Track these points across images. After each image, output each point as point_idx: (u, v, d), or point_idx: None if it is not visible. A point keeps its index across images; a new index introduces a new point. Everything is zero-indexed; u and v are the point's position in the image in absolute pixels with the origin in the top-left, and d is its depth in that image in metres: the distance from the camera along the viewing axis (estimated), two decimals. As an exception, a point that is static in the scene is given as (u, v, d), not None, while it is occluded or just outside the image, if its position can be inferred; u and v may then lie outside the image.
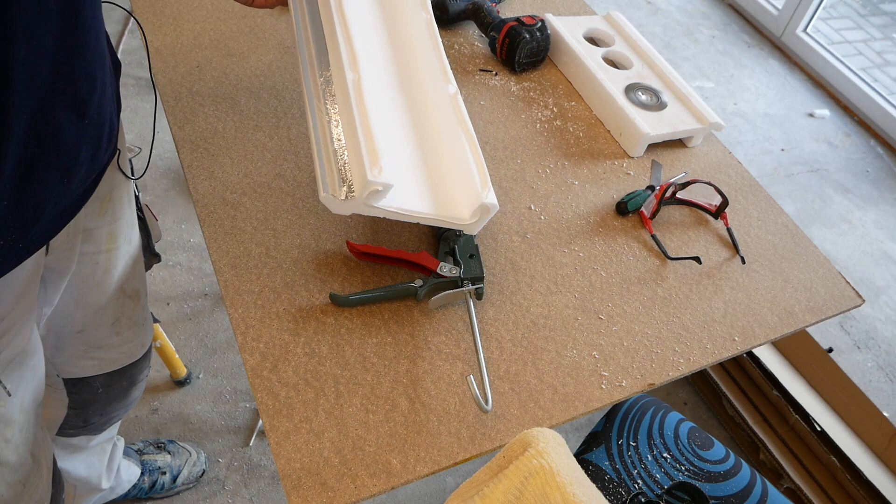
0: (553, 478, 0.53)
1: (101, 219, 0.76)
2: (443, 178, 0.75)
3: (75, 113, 0.59)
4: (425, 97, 0.81)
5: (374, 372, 0.71)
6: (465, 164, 0.74)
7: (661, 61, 1.11)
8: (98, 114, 0.63)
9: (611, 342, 0.78)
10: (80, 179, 0.65)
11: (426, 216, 0.71)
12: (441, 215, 0.72)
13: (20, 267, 0.61)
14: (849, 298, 0.89)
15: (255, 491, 1.39)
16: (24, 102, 0.52)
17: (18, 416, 0.71)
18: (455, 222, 0.72)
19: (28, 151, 0.54)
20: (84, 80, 0.58)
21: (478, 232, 0.75)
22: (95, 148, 0.65)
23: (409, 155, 0.75)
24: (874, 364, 1.82)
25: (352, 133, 0.70)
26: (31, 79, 0.51)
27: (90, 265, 0.78)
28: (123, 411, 1.03)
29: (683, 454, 1.00)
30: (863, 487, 1.37)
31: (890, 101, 2.46)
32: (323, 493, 0.62)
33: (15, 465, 0.73)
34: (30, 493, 0.77)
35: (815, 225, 2.16)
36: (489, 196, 0.71)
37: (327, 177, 0.69)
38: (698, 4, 2.95)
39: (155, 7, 1.07)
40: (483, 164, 0.74)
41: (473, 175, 0.73)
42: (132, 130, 1.98)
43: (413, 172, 0.74)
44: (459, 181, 0.74)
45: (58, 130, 0.57)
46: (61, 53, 0.54)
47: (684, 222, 0.94)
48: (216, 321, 1.63)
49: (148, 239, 0.92)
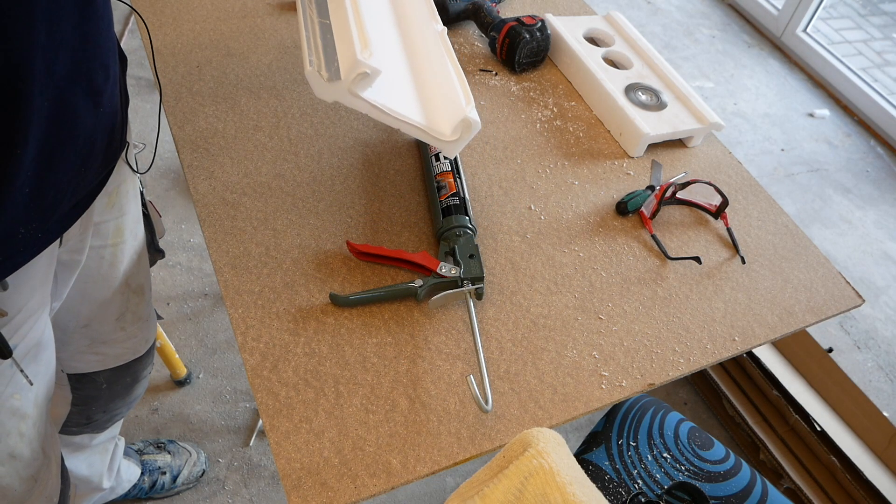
0: (553, 478, 0.53)
1: (109, 212, 0.77)
2: (428, 94, 0.74)
3: (92, 101, 0.60)
4: (413, 30, 0.81)
5: (374, 372, 0.71)
6: (449, 84, 0.73)
7: (661, 61, 1.11)
8: (111, 103, 0.65)
9: (611, 342, 0.78)
10: (94, 170, 0.66)
11: (411, 122, 0.69)
12: (425, 126, 0.70)
13: (37, 258, 0.62)
14: (849, 298, 0.89)
15: (255, 491, 1.39)
16: (45, 89, 0.53)
17: (32, 411, 0.72)
18: (437, 137, 0.70)
19: (49, 139, 0.55)
20: (99, 69, 0.60)
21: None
22: (109, 138, 0.67)
23: (396, 64, 0.74)
24: (874, 364, 1.82)
25: (344, 26, 0.68)
26: (51, 66, 0.53)
27: (96, 259, 0.79)
28: (126, 409, 1.03)
29: (683, 454, 1.00)
30: (863, 487, 1.37)
31: (890, 101, 2.46)
32: (323, 493, 0.62)
33: (28, 459, 0.74)
34: (41, 488, 0.78)
35: (815, 225, 2.16)
36: (472, 111, 0.69)
37: (314, 55, 0.66)
38: (698, 4, 2.95)
39: (155, 7, 1.07)
40: (467, 86, 0.73)
41: (458, 93, 0.72)
42: (132, 130, 1.98)
43: (400, 81, 0.73)
44: (444, 98, 0.73)
45: (76, 118, 0.58)
46: (78, 42, 0.55)
47: (684, 222, 0.94)
48: (216, 321, 1.63)
49: (152, 235, 0.93)
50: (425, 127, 0.70)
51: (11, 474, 0.72)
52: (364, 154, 0.92)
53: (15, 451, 0.71)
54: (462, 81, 0.73)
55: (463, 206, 0.83)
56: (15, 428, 0.70)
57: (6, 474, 0.72)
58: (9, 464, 0.71)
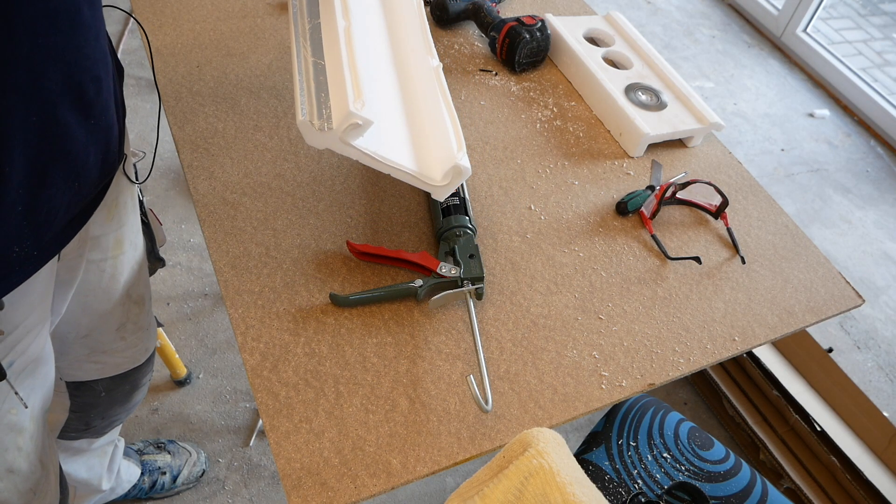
0: (553, 478, 0.53)
1: (108, 225, 0.76)
2: (420, 138, 0.74)
3: (83, 115, 0.58)
4: (409, 66, 0.81)
5: (374, 372, 0.71)
6: (442, 128, 0.73)
7: (661, 61, 1.11)
8: (104, 116, 0.63)
9: (611, 342, 0.78)
10: (90, 185, 0.65)
11: (401, 168, 0.69)
12: (416, 172, 0.70)
13: (35, 275, 0.61)
14: (849, 298, 0.89)
15: (255, 491, 1.39)
16: (31, 104, 0.51)
17: (29, 425, 0.71)
18: (427, 182, 0.71)
19: (39, 155, 0.54)
20: (90, 82, 0.58)
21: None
22: (104, 152, 0.65)
23: (389, 110, 0.74)
24: (874, 364, 1.82)
25: (337, 69, 0.68)
26: (38, 80, 0.51)
27: (97, 272, 0.78)
28: (125, 414, 1.03)
29: (683, 454, 1.00)
30: (863, 487, 1.37)
31: (890, 101, 2.46)
32: (323, 493, 0.62)
33: (27, 473, 0.73)
34: (39, 500, 0.77)
35: (815, 225, 2.16)
36: (463, 158, 0.70)
37: (306, 103, 0.67)
38: (698, 4, 2.95)
39: (155, 7, 1.07)
40: (460, 131, 0.73)
41: (450, 138, 0.72)
42: (133, 131, 1.98)
43: (392, 126, 0.73)
44: (435, 143, 0.73)
45: (67, 133, 0.57)
46: (68, 54, 0.54)
47: (684, 222, 0.94)
48: (216, 321, 1.63)
49: (152, 243, 0.92)
50: (416, 173, 0.71)
51: (10, 489, 0.71)
52: (364, 154, 0.92)
53: (13, 465, 0.71)
54: (455, 125, 0.74)
55: (463, 206, 0.83)
56: (13, 443, 0.70)
57: (4, 489, 0.71)
58: (7, 479, 0.70)
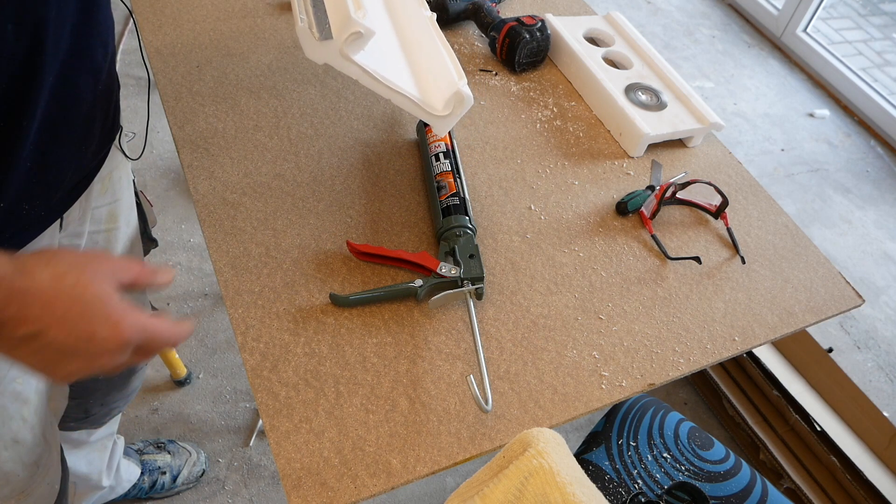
0: (553, 478, 0.53)
1: (102, 198, 0.78)
2: (420, 70, 0.73)
3: (93, 77, 0.61)
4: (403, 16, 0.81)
5: (374, 372, 0.71)
6: (441, 62, 0.72)
7: (661, 61, 1.11)
8: (108, 81, 0.66)
9: (611, 342, 0.78)
10: (93, 150, 0.67)
11: (403, 91, 0.67)
12: (418, 97, 0.69)
13: (38, 240, 0.63)
14: (849, 298, 0.89)
15: (255, 491, 1.39)
16: (52, 64, 0.54)
17: (33, 397, 0.73)
18: (428, 111, 0.69)
19: (51, 114, 0.56)
20: (99, 46, 0.61)
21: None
22: (105, 116, 0.68)
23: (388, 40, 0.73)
24: (874, 364, 1.82)
25: None
26: (58, 41, 0.53)
27: (90, 244, 0.79)
28: (123, 402, 1.04)
29: (683, 454, 1.00)
30: (863, 487, 1.37)
31: (890, 101, 2.46)
32: (323, 493, 0.62)
33: (31, 445, 0.74)
34: (42, 473, 0.79)
35: (815, 225, 2.16)
36: (464, 86, 0.68)
37: (305, 13, 0.64)
38: (698, 4, 2.95)
39: (155, 7, 1.07)
40: (458, 64, 0.72)
41: (449, 69, 0.71)
42: (133, 130, 1.98)
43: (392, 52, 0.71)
44: (436, 74, 0.72)
45: (77, 94, 0.59)
46: (81, 16, 0.56)
47: (684, 222, 0.94)
48: (216, 321, 1.63)
49: (144, 224, 0.93)
50: (417, 99, 0.68)
51: (14, 459, 0.73)
52: (364, 154, 0.92)
53: (18, 435, 0.72)
54: (453, 59, 0.72)
55: (463, 206, 0.83)
56: (18, 413, 0.71)
57: (9, 459, 0.72)
58: (12, 449, 0.72)
